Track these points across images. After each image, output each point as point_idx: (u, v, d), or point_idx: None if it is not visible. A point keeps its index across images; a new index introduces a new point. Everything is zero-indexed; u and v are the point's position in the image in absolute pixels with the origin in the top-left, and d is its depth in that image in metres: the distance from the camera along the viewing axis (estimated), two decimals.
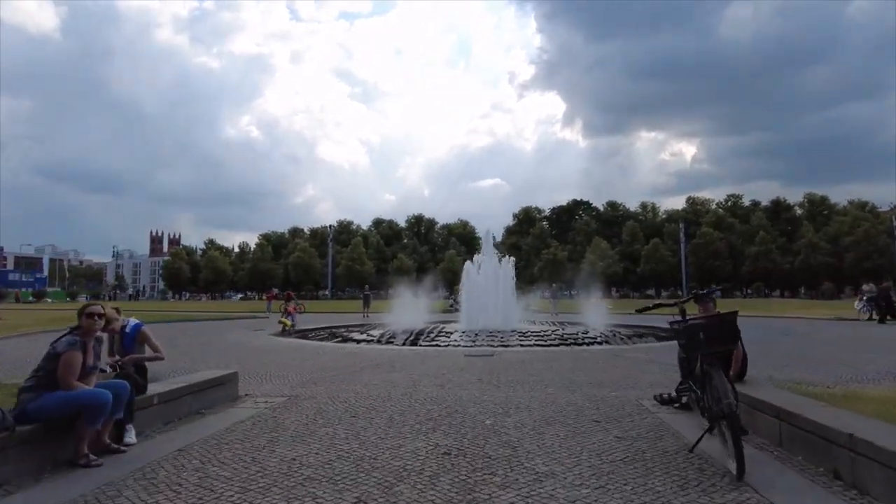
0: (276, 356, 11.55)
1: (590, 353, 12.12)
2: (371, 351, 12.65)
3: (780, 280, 73.46)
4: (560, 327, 20.23)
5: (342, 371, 9.15)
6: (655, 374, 8.66)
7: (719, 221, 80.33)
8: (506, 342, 15.41)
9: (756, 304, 40.29)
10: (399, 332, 17.60)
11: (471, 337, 16.69)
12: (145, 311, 33.82)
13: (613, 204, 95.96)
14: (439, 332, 18.13)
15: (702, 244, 70.75)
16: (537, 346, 15.11)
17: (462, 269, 21.17)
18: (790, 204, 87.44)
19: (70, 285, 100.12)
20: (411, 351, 12.61)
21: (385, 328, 18.92)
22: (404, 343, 15.64)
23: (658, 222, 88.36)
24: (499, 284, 20.37)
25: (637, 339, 16.82)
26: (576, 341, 15.79)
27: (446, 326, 20.05)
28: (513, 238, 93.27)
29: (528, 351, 12.68)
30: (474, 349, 13.42)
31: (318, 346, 13.68)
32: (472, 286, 20.40)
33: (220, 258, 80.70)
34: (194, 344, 14.34)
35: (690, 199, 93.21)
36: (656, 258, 69.86)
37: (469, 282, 20.55)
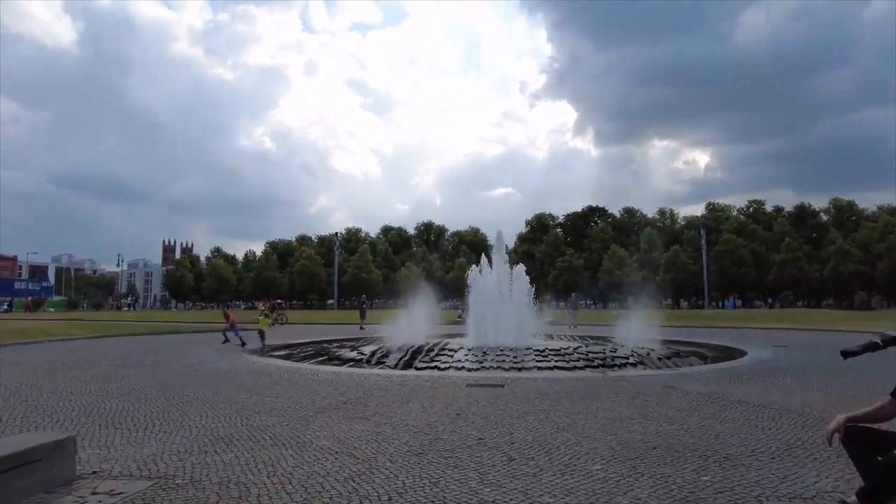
0: (216, 387, 8.92)
1: (630, 381, 9.34)
2: (348, 378, 9.98)
3: (808, 289, 69.65)
4: (582, 343, 17.42)
5: (287, 416, 6.49)
6: (745, 425, 5.87)
7: (741, 228, 76.64)
8: (520, 363, 12.66)
9: (793, 316, 37.05)
10: (395, 350, 14.93)
11: (477, 356, 13.95)
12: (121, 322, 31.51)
13: (630, 210, 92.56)
14: (442, 349, 15.42)
15: (724, 251, 67.17)
16: (559, 368, 12.37)
17: (468, 276, 18.49)
18: (815, 210, 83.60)
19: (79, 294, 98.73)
20: (400, 378, 9.91)
21: (381, 344, 16.27)
22: (396, 364, 12.95)
23: (677, 229, 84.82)
24: (511, 293, 17.62)
25: (675, 358, 14.00)
26: (605, 362, 13.00)
27: (451, 342, 17.33)
28: (525, 245, 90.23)
29: (549, 379, 9.91)
30: (480, 375, 10.70)
31: (284, 372, 11.03)
32: (480, 296, 17.68)
33: (225, 267, 78.51)
34: (140, 365, 11.77)
35: (710, 205, 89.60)
36: (677, 266, 66.49)
37: (477, 291, 17.83)
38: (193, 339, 20.92)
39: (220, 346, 16.91)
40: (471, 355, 14.22)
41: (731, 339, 19.76)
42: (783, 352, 14.70)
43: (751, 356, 13.62)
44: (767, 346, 16.29)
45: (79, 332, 23.12)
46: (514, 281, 17.89)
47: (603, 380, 9.67)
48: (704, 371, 10.74)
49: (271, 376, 10.25)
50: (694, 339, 19.78)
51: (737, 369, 10.89)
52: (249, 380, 9.76)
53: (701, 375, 10.09)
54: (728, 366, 11.60)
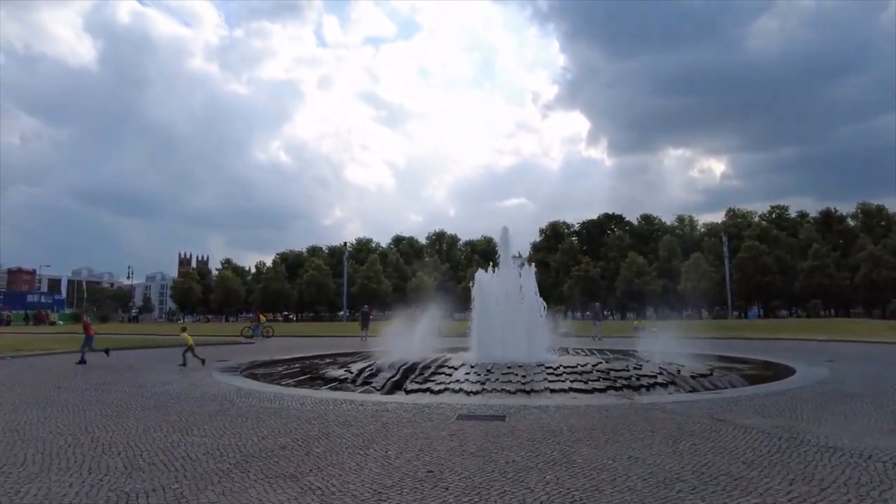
0: (144, 417, 7.07)
1: (665, 412, 7.32)
2: (312, 408, 8.09)
3: (838, 297, 66.40)
4: (602, 359, 15.37)
5: (188, 472, 4.61)
6: (865, 498, 3.86)
7: (764, 234, 73.60)
8: (528, 385, 10.68)
9: (826, 326, 34.43)
10: (388, 367, 13.05)
11: (480, 375, 11.99)
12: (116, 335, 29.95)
13: (648, 217, 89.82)
14: (441, 365, 13.49)
15: (748, 258, 64.25)
16: (575, 390, 10.38)
17: (473, 283, 16.51)
18: (842, 215, 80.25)
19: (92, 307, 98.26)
20: (376, 407, 7.99)
21: (375, 360, 14.40)
22: (383, 386, 11.04)
23: (697, 236, 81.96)
24: (521, 302, 15.63)
25: (711, 377, 11.91)
26: (630, 382, 10.96)
27: (454, 357, 15.40)
28: (540, 254, 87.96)
29: (563, 407, 7.91)
30: (478, 402, 8.74)
31: (242, 396, 9.16)
32: (486, 304, 15.70)
33: (233, 278, 77.28)
34: (82, 386, 9.98)
35: (731, 211, 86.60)
36: (698, 274, 63.73)
37: (482, 299, 15.86)
38: (174, 353, 19.20)
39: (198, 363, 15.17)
40: (473, 374, 12.28)
41: (767, 352, 17.56)
42: (837, 368, 12.52)
43: (802, 374, 11.48)
44: (814, 361, 14.12)
45: (58, 347, 21.56)
46: (525, 287, 15.91)
47: (631, 408, 7.66)
48: (754, 395, 8.66)
49: (221, 403, 8.40)
50: (726, 353, 17.58)
51: (795, 393, 8.80)
52: (191, 408, 7.93)
53: (753, 402, 8.03)
54: (781, 387, 9.50)
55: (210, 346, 23.72)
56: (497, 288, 15.88)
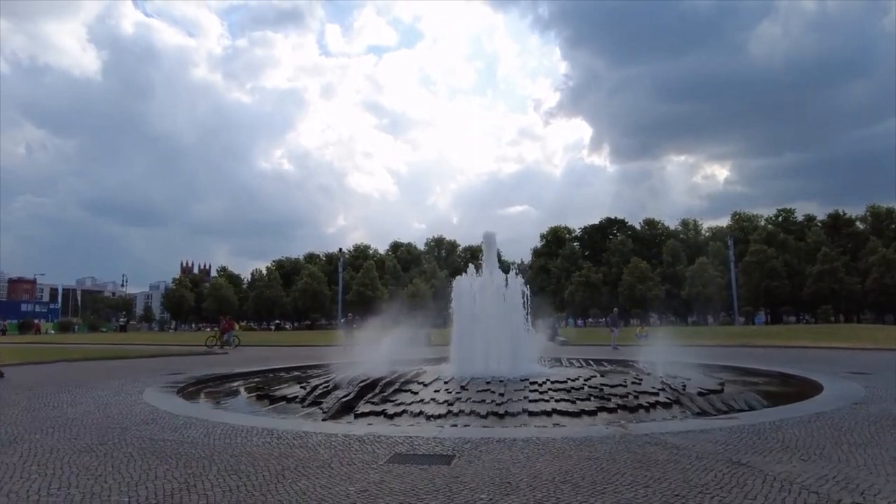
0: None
1: (668, 448, 5.51)
2: (217, 442, 6.32)
3: (848, 302, 64.23)
4: (597, 371, 13.56)
5: None
6: None
7: (770, 238, 71.58)
8: (504, 407, 8.92)
9: (840, 332, 32.47)
10: (347, 383, 11.28)
11: (451, 393, 10.23)
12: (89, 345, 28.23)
13: (651, 222, 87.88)
14: (409, 381, 11.72)
15: (754, 262, 62.19)
16: (559, 412, 8.63)
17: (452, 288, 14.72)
18: (851, 218, 78.18)
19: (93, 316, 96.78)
20: (292, 443, 6.22)
21: (339, 373, 12.61)
22: (331, 408, 9.26)
23: (701, 241, 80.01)
24: (505, 310, 13.84)
25: (723, 395, 10.13)
26: (626, 402, 9.17)
27: (431, 370, 13.64)
28: (541, 260, 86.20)
29: (535, 442, 6.09)
30: (430, 431, 6.93)
31: (150, 423, 7.36)
32: (467, 313, 13.91)
33: (226, 286, 75.56)
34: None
35: (736, 215, 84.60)
36: (703, 279, 61.70)
37: (461, 306, 14.07)
38: (132, 366, 17.47)
39: (145, 377, 13.45)
40: (443, 391, 10.51)
41: (782, 362, 15.71)
42: (873, 382, 10.67)
43: (831, 391, 9.64)
44: (839, 373, 12.28)
45: (8, 359, 19.86)
46: (510, 293, 14.13)
47: (621, 443, 5.86)
48: (780, 422, 6.83)
49: (109, 433, 6.63)
50: (736, 363, 15.75)
51: (831, 419, 6.98)
52: (62, 439, 6.17)
53: (780, 432, 6.21)
54: (811, 410, 7.67)
55: (177, 357, 22.03)
56: (479, 295, 14.10)
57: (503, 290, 14.08)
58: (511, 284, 14.17)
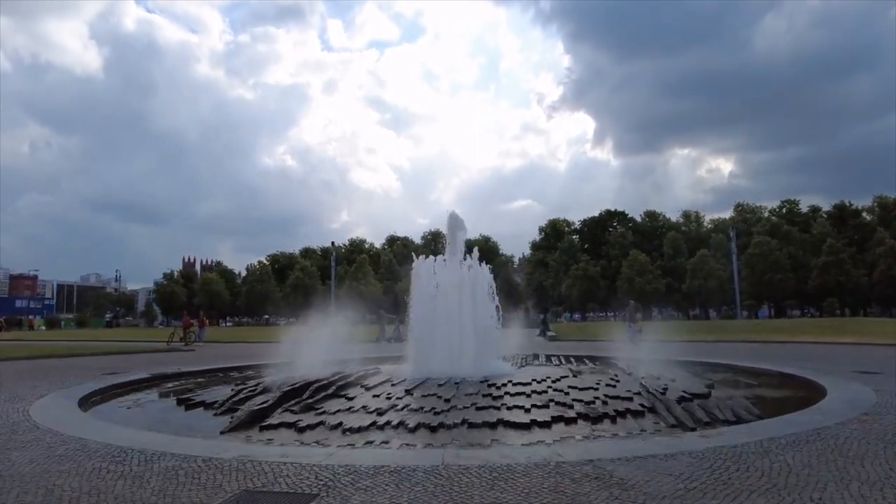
0: None
1: (610, 488, 4.01)
2: (34, 468, 4.85)
3: (854, 295, 62.31)
4: (572, 371, 12.06)
5: None
6: None
7: (774, 229, 69.59)
8: (442, 416, 7.49)
9: (846, 326, 30.84)
10: (277, 387, 9.82)
11: (391, 398, 8.79)
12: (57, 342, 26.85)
13: (652, 214, 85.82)
14: (353, 383, 10.29)
15: (757, 255, 60.29)
16: (507, 424, 7.24)
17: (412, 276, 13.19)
18: (858, 209, 76.05)
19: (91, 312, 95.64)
20: (123, 473, 4.73)
21: (278, 375, 11.15)
22: (235, 418, 7.79)
23: (703, 233, 78.03)
24: (469, 301, 12.33)
25: (708, 399, 8.65)
26: (591, 410, 7.70)
27: (386, 370, 12.20)
28: (539, 254, 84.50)
29: (437, 475, 4.58)
30: (315, 456, 5.40)
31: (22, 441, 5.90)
32: (424, 305, 12.41)
33: (218, 281, 74.18)
34: None
35: (739, 206, 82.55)
36: (704, 272, 59.90)
37: (419, 298, 12.56)
38: (72, 365, 16.08)
39: (72, 378, 12.04)
40: (383, 397, 9.07)
41: (783, 360, 14.18)
42: (883, 384, 9.15)
43: (836, 396, 8.11)
44: (846, 373, 10.77)
45: None
46: (472, 282, 12.63)
47: (553, 476, 4.35)
48: (770, 442, 5.32)
49: None
50: (733, 361, 14.21)
51: (834, 435, 5.48)
52: None
53: (768, 459, 4.71)
54: (809, 424, 6.15)
55: (134, 355, 20.64)
56: (440, 285, 12.60)
57: (468, 280, 12.59)
58: (477, 273, 12.69)
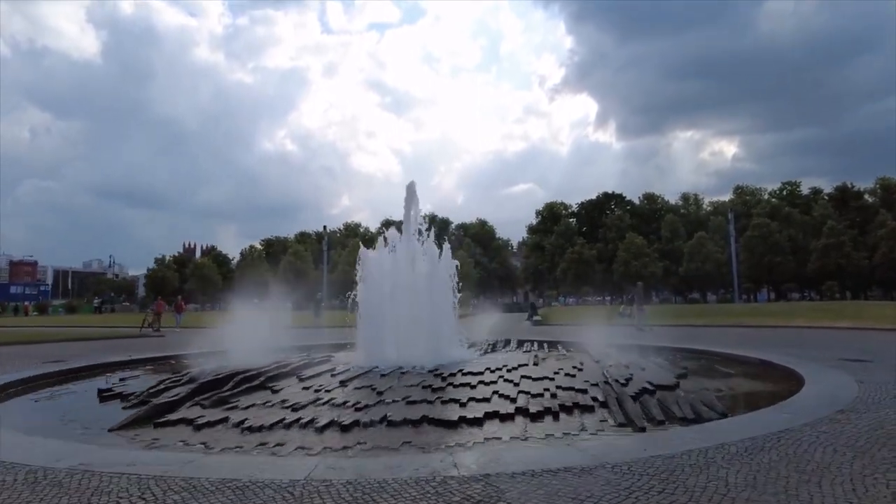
0: None
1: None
2: None
3: (856, 279, 61.26)
4: (533, 359, 11.15)
5: None
6: None
7: (774, 211, 68.35)
8: (364, 413, 6.58)
9: (845, 310, 29.89)
10: (207, 375, 8.94)
11: (321, 390, 7.92)
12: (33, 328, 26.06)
13: (651, 196, 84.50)
14: (289, 373, 9.41)
15: (756, 237, 59.13)
16: (433, 422, 6.36)
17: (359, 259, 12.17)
18: (860, 190, 74.67)
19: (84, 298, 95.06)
20: None
21: (215, 363, 10.25)
22: (133, 414, 6.89)
23: (702, 215, 76.88)
24: (425, 282, 11.40)
25: (674, 392, 7.77)
26: (536, 404, 6.79)
27: (338, 357, 11.33)
28: (536, 237, 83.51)
29: (293, 491, 3.67)
30: (169, 465, 4.46)
31: None
32: (375, 287, 11.47)
33: (209, 266, 73.41)
34: None
35: (738, 189, 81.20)
36: (702, 255, 58.78)
37: (368, 281, 11.62)
38: (16, 353, 15.26)
39: (9, 366, 11.20)
40: (314, 389, 8.18)
41: (771, 345, 13.29)
42: (870, 373, 8.23)
43: (814, 389, 7.19)
44: (832, 361, 9.86)
45: None
46: (429, 263, 11.70)
47: (431, 497, 3.44)
48: (717, 451, 4.38)
49: None
50: (716, 347, 13.25)
51: (798, 441, 4.56)
52: None
53: (707, 472, 3.80)
54: (773, 426, 5.22)
55: (99, 341, 19.82)
56: (393, 265, 11.67)
57: (425, 260, 11.65)
58: (433, 252, 11.74)
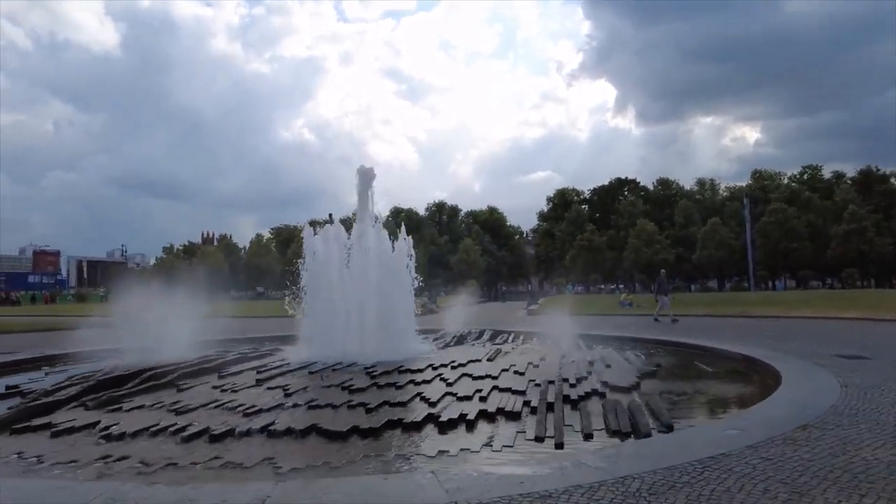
0: None
1: None
2: None
3: (878, 266, 58.78)
4: (497, 352, 10.15)
5: None
6: None
7: (793, 196, 65.85)
8: (248, 420, 5.68)
9: (864, 299, 28.31)
10: (106, 373, 8.13)
11: (228, 390, 7.05)
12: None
13: (665, 182, 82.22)
14: (211, 370, 8.55)
15: (773, 223, 56.90)
16: (321, 433, 5.38)
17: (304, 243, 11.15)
18: (885, 174, 71.63)
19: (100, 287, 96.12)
20: None
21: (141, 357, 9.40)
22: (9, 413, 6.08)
23: (718, 201, 74.53)
24: (376, 272, 10.45)
25: (628, 391, 6.76)
26: (445, 417, 5.83)
27: (287, 351, 10.48)
28: (546, 224, 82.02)
29: None
30: None
31: None
32: (319, 276, 10.52)
33: (216, 254, 73.42)
34: None
35: (756, 173, 78.47)
36: (715, 241, 56.78)
37: (313, 268, 10.66)
38: None
39: None
40: (220, 389, 7.31)
41: (766, 338, 12.14)
42: (862, 374, 7.10)
43: (785, 394, 6.11)
44: (827, 357, 8.73)
45: None
46: (382, 248, 10.74)
47: None
48: (614, 492, 3.38)
49: None
50: (703, 341, 12.04)
51: (732, 470, 3.51)
52: None
53: None
54: (720, 445, 4.20)
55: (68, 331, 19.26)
56: (340, 252, 10.71)
57: (376, 246, 10.68)
58: (383, 238, 10.77)
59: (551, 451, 4.69)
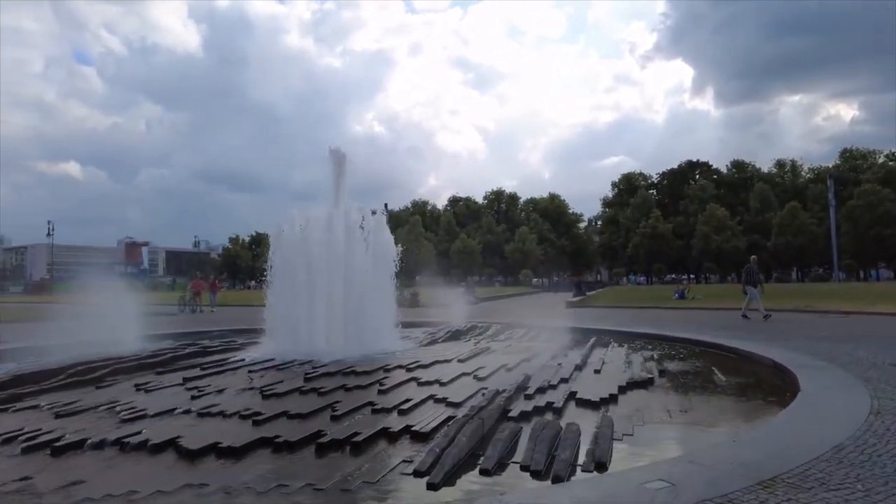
0: None
1: None
2: None
3: None
4: (487, 349, 9.01)
5: None
6: None
7: (890, 176, 59.03)
8: (145, 429, 4.89)
9: None
10: (26, 369, 7.72)
11: (152, 392, 6.42)
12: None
13: (740, 164, 76.38)
14: (158, 364, 7.96)
15: (861, 206, 51.02)
16: (223, 453, 4.45)
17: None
18: None
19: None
20: None
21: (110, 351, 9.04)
22: None
23: (800, 184, 68.28)
24: (345, 262, 9.53)
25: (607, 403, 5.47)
26: (390, 425, 4.78)
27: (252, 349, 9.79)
28: (611, 211, 78.50)
29: None
30: None
31: None
32: (286, 267, 9.70)
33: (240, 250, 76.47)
34: None
35: (846, 152, 71.17)
36: (794, 228, 51.68)
37: (282, 258, 9.84)
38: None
39: None
40: (146, 390, 6.65)
41: (818, 339, 10.32)
42: None
43: (796, 418, 4.65)
44: (882, 366, 7.04)
45: None
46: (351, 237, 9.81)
47: None
48: None
49: None
50: (735, 343, 10.28)
51: None
52: None
53: None
54: (639, 499, 2.94)
55: None
56: (307, 241, 9.84)
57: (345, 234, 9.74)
58: (353, 226, 9.80)
59: (428, 491, 3.56)
